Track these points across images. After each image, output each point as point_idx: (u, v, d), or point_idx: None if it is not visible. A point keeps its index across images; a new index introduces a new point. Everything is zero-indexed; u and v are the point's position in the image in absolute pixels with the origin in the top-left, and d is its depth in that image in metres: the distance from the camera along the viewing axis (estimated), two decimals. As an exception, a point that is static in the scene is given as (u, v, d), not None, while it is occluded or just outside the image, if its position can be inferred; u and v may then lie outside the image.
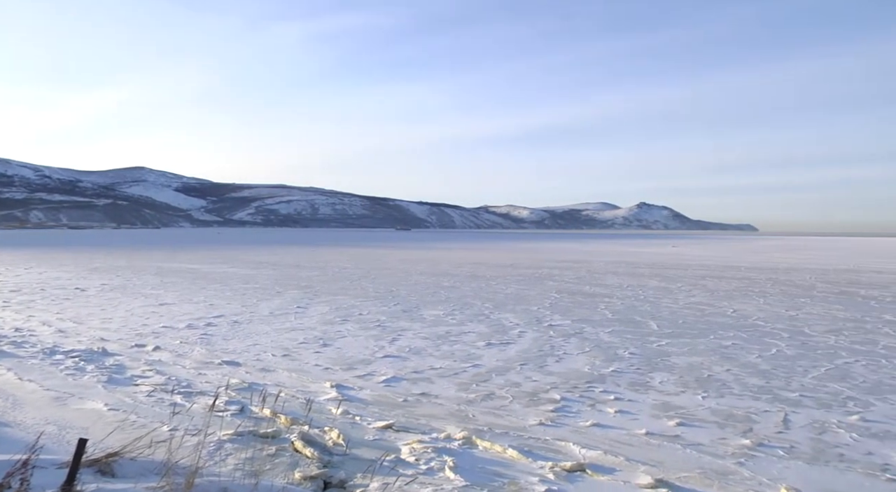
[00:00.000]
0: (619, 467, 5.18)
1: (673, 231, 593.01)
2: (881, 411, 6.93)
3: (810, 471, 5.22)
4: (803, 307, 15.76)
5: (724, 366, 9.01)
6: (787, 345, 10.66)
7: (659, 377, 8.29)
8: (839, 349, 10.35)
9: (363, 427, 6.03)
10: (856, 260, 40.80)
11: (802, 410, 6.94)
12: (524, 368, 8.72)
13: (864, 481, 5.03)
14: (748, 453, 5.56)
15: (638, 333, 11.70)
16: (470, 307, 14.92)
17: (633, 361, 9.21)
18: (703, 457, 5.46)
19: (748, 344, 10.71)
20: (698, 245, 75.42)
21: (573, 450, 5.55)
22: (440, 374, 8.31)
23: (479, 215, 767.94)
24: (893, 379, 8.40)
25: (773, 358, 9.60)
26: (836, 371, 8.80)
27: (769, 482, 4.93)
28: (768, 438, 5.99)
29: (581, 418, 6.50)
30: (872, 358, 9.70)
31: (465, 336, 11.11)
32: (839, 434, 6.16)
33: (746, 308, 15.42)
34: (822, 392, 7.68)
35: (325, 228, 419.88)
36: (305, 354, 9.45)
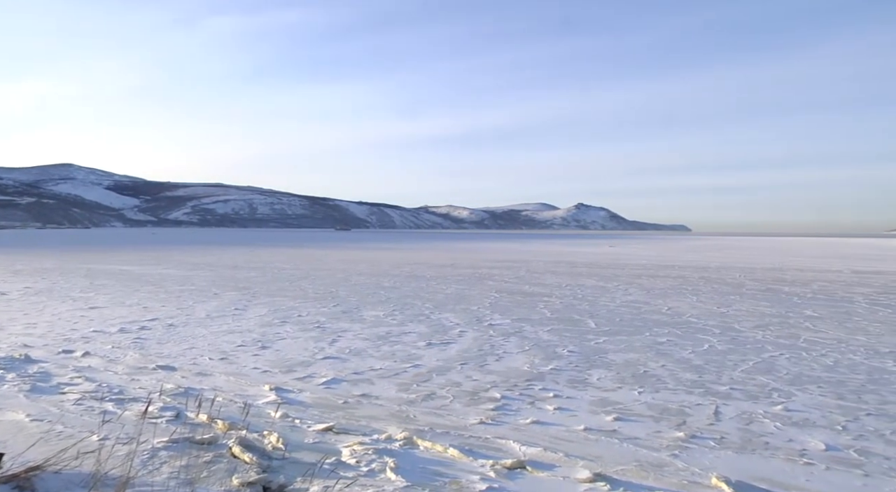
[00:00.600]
0: (559, 463, 5.26)
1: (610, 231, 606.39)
2: (801, 401, 7.29)
3: (739, 459, 5.44)
4: (733, 304, 16.35)
5: (660, 362, 9.27)
6: (719, 340, 11.05)
7: (597, 374, 8.46)
8: (765, 344, 10.79)
9: (303, 430, 5.95)
10: (781, 259, 42.60)
11: (732, 402, 7.21)
12: (465, 367, 8.77)
13: (785, 466, 5.30)
14: (682, 445, 5.74)
15: (576, 331, 11.92)
16: (410, 307, 14.91)
17: (572, 359, 9.38)
18: (639, 450, 5.60)
19: (682, 340, 11.05)
20: (634, 245, 77.42)
21: (514, 447, 5.61)
22: (381, 375, 8.28)
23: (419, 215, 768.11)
24: (812, 371, 8.83)
25: (705, 353, 9.93)
26: (763, 364, 9.18)
27: (701, 472, 5.11)
28: (700, 430, 6.20)
29: (521, 415, 6.58)
30: (795, 351, 10.16)
31: (405, 336, 11.10)
32: (765, 424, 6.43)
33: (680, 306, 15.89)
34: (750, 385, 7.99)
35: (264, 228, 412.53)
36: (243, 357, 9.27)
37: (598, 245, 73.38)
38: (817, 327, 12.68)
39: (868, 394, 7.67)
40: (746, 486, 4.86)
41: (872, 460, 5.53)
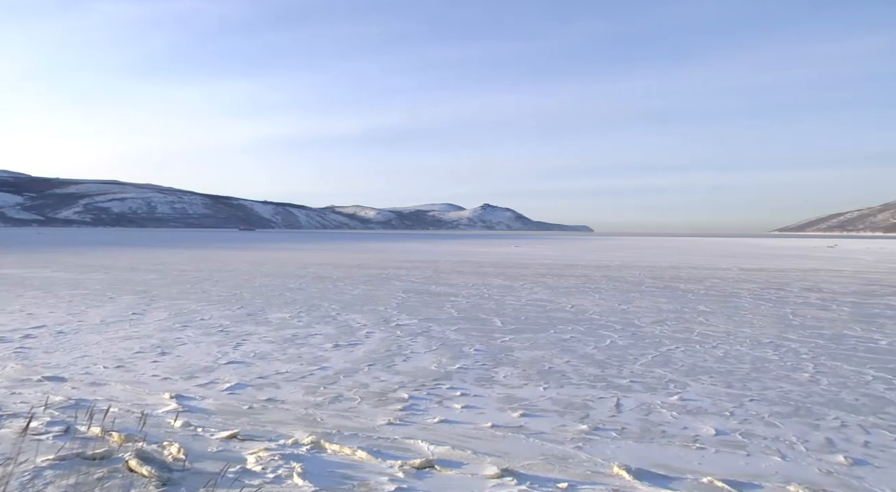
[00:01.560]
0: (467, 461, 5.32)
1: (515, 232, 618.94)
2: (695, 391, 7.71)
3: (638, 448, 5.70)
4: (633, 301, 17.05)
5: (564, 358, 9.55)
6: (620, 336, 11.49)
7: (503, 372, 8.62)
8: (663, 338, 11.32)
9: (206, 439, 5.74)
10: (677, 258, 44.81)
11: (632, 394, 7.52)
12: (372, 368, 8.73)
13: (680, 452, 5.61)
14: (585, 438, 5.94)
15: (483, 330, 12.10)
16: (317, 309, 14.69)
17: (479, 358, 9.51)
18: (545, 444, 5.75)
19: (585, 336, 11.42)
20: (539, 245, 79.42)
21: (422, 447, 5.63)
22: (287, 378, 8.11)
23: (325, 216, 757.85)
24: (705, 362, 9.35)
25: (607, 349, 10.31)
26: (661, 358, 9.63)
27: (604, 462, 5.31)
28: (603, 422, 6.44)
29: (429, 415, 6.61)
30: (689, 345, 10.72)
31: (312, 338, 10.92)
32: (662, 413, 6.76)
33: (584, 303, 16.42)
34: (648, 377, 8.36)
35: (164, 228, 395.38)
36: (141, 364, 8.84)
37: (503, 245, 74.80)
38: (709, 321, 13.43)
39: (752, 382, 8.21)
40: (645, 473, 5.08)
41: (754, 440, 5.96)
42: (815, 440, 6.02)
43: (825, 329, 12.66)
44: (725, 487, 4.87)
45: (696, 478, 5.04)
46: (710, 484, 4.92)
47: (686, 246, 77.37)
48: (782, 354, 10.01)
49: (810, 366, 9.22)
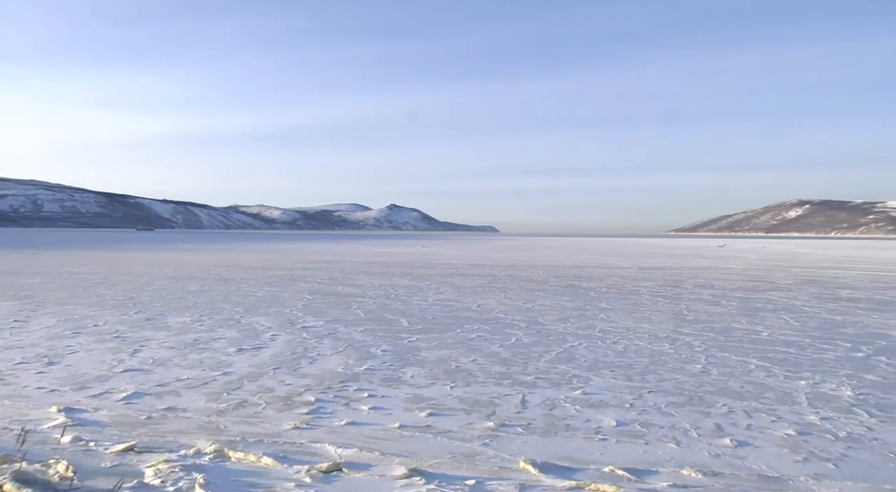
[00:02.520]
0: (375, 462, 5.29)
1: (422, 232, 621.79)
2: (597, 385, 8.00)
3: (544, 442, 5.85)
4: (538, 300, 17.47)
5: (470, 357, 9.66)
6: (525, 334, 11.75)
7: (410, 372, 8.63)
8: (567, 335, 11.67)
9: (99, 454, 5.43)
10: (580, 257, 46.28)
11: (537, 390, 7.71)
12: (277, 372, 8.53)
13: (584, 444, 5.80)
14: (492, 434, 6.03)
15: (390, 330, 12.08)
16: (220, 312, 14.22)
17: (386, 358, 9.48)
18: (452, 443, 5.80)
19: (491, 335, 11.61)
20: (446, 245, 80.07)
21: (329, 450, 5.56)
22: (188, 385, 7.80)
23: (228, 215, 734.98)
24: (606, 357, 9.71)
25: (512, 347, 10.52)
26: (564, 354, 9.92)
27: (510, 457, 5.42)
28: (509, 418, 6.56)
29: (336, 417, 6.53)
30: (591, 341, 11.09)
31: (214, 343, 10.56)
32: (566, 408, 6.96)
33: (489, 303, 16.68)
34: (553, 373, 8.60)
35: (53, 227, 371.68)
36: (25, 375, 8.25)
37: (410, 245, 74.92)
38: (610, 318, 13.95)
39: (650, 374, 8.59)
40: (550, 465, 5.23)
41: (652, 430, 6.26)
42: (705, 426, 6.39)
43: (716, 323, 13.43)
44: (626, 474, 5.08)
45: (598, 468, 5.23)
46: (612, 473, 5.12)
47: (588, 246, 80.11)
48: (678, 348, 10.54)
49: (702, 358, 9.75)
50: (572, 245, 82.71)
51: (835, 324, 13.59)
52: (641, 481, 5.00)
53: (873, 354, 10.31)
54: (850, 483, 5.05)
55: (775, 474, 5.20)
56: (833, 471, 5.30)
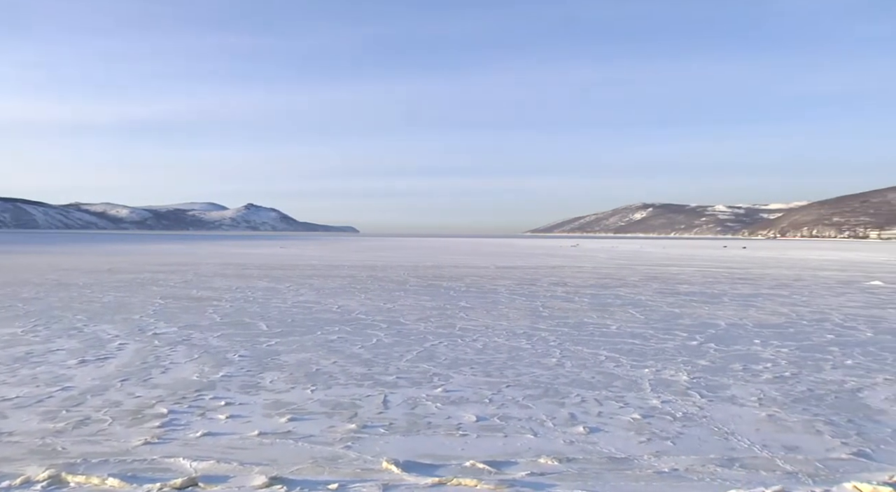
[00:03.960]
0: (233, 473, 5.09)
1: (281, 232, 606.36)
2: (457, 382, 8.17)
3: (406, 441, 5.89)
4: (398, 300, 17.55)
5: (331, 359, 9.54)
6: (386, 334, 11.77)
7: (270, 376, 8.38)
8: (427, 334, 11.82)
9: None
10: (440, 257, 47.05)
11: (399, 390, 7.74)
12: (126, 383, 7.97)
13: (445, 441, 5.91)
14: (354, 436, 5.99)
15: (248, 334, 11.66)
16: (59, 321, 13.07)
17: (244, 364, 9.15)
18: (314, 447, 5.69)
19: (352, 336, 11.52)
20: (305, 246, 78.50)
21: (184, 465, 5.27)
22: (17, 404, 7.07)
23: (69, 214, 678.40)
24: (466, 354, 9.95)
25: (373, 347, 10.50)
26: (425, 353, 10.04)
27: (373, 458, 5.40)
28: (371, 419, 6.55)
29: (191, 429, 6.20)
30: (451, 339, 11.31)
31: (52, 355, 9.68)
32: (427, 406, 7.05)
33: (350, 304, 16.55)
34: (414, 372, 8.67)
35: None
36: None
37: (269, 246, 72.72)
38: (470, 317, 14.29)
39: (508, 370, 8.90)
40: (413, 464, 5.27)
41: (510, 423, 6.49)
42: (560, 416, 6.72)
43: (569, 318, 14.15)
44: (486, 467, 5.23)
45: (459, 463, 5.34)
46: (473, 467, 5.25)
47: (448, 246, 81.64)
48: (534, 343, 10.99)
49: (557, 352, 10.24)
50: (432, 245, 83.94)
51: (674, 316, 14.78)
52: (501, 473, 5.16)
53: (705, 342, 11.33)
54: (684, 457, 5.57)
55: (623, 456, 5.58)
56: (671, 448, 5.81)
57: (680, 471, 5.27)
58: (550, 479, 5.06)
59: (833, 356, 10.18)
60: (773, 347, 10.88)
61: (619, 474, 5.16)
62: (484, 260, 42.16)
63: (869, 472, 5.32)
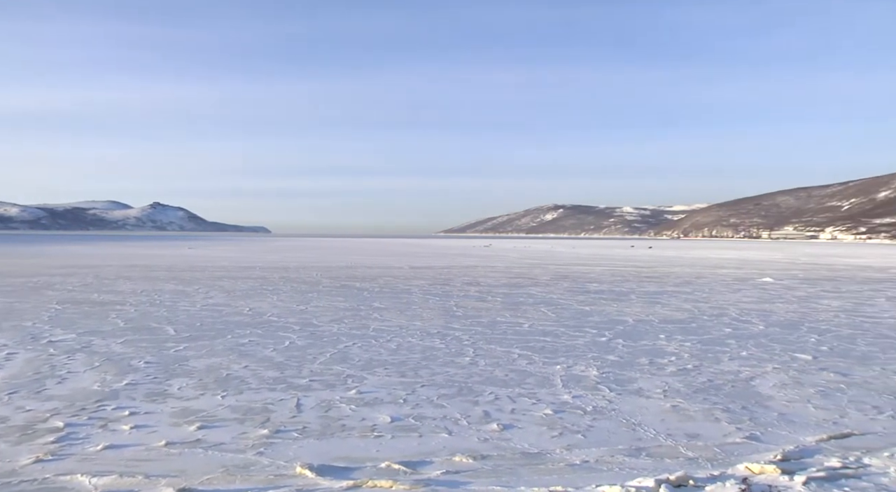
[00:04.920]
0: (138, 487, 4.86)
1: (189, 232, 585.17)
2: (371, 383, 8.13)
3: (320, 445, 5.80)
4: (312, 301, 17.29)
5: (243, 363, 9.28)
6: (299, 336, 11.56)
7: (178, 383, 8.06)
8: (341, 336, 11.69)
9: None
10: (353, 257, 46.68)
11: (312, 393, 7.63)
12: (15, 396, 7.44)
13: (360, 443, 5.86)
14: (267, 442, 5.85)
15: (154, 340, 11.19)
16: (-62, 331, 12.11)
17: (150, 371, 8.76)
18: (225, 455, 5.52)
19: (264, 339, 11.26)
20: (215, 246, 76.06)
21: (82, 482, 4.97)
22: None
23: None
24: (380, 355, 9.91)
25: (286, 350, 10.29)
26: (339, 355, 9.93)
27: (286, 464, 5.29)
28: (284, 424, 6.41)
29: (91, 442, 5.87)
30: (365, 340, 11.24)
31: (-69, 368, 8.96)
32: (341, 408, 6.98)
33: (262, 306, 16.17)
34: (327, 375, 8.56)
35: None
36: None
37: (176, 247, 70.05)
38: (384, 317, 14.24)
39: (423, 369, 8.93)
40: (327, 468, 5.20)
41: (425, 422, 6.51)
42: (475, 414, 6.80)
43: (482, 318, 14.33)
44: (401, 468, 5.22)
45: (374, 465, 5.31)
46: (388, 468, 5.23)
47: (362, 246, 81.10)
48: (448, 343, 11.07)
49: (471, 350, 10.36)
50: (346, 245, 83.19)
51: (584, 314, 15.24)
52: (417, 473, 5.17)
53: (613, 338, 11.74)
54: (594, 449, 5.76)
55: (536, 451, 5.71)
56: (582, 441, 6.00)
57: (590, 463, 5.44)
58: (465, 477, 5.11)
59: (730, 348, 10.80)
60: (676, 342, 11.40)
61: (532, 469, 5.27)
62: (398, 260, 42.14)
63: (758, 453, 5.72)
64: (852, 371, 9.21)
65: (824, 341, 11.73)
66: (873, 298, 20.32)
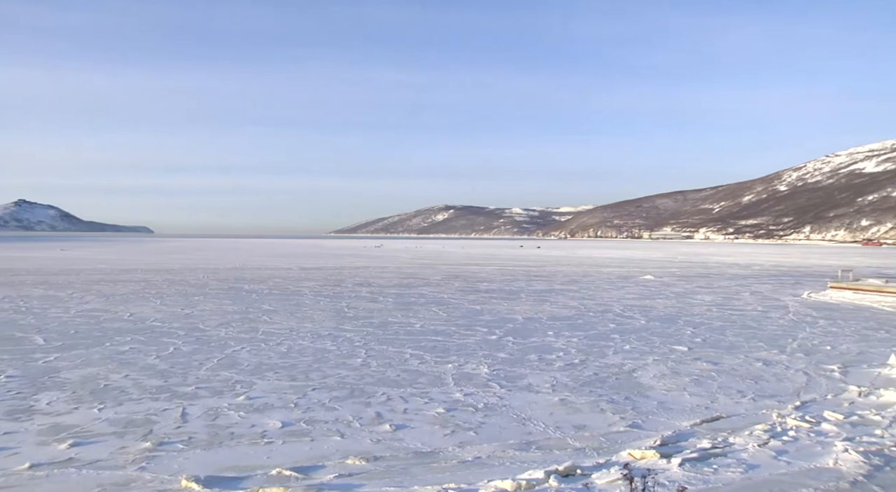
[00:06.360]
0: (-1, 511, 4.48)
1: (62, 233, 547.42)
2: (261, 388, 7.92)
3: (207, 455, 5.58)
4: (198, 305, 16.60)
5: (123, 372, 8.76)
6: (184, 342, 11.06)
7: (47, 398, 7.47)
8: (229, 340, 11.29)
9: None
10: (242, 259, 45.25)
11: (199, 401, 7.32)
12: None
13: (250, 450, 5.69)
14: (149, 456, 5.55)
15: (19, 351, 10.33)
16: None
17: (13, 386, 8.03)
18: (102, 473, 5.17)
19: (146, 346, 10.68)
20: (92, 248, 71.40)
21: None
22: None
23: None
24: (270, 359, 9.67)
25: (170, 357, 9.82)
26: (227, 360, 9.59)
27: (170, 478, 5.04)
28: (168, 435, 6.11)
29: (-58, 465, 5.32)
30: (255, 344, 10.92)
31: None
32: (230, 416, 6.74)
33: (144, 310, 15.36)
34: (215, 381, 8.25)
35: None
36: None
37: (47, 249, 65.15)
38: (273, 320, 13.88)
39: (314, 372, 8.79)
40: (215, 478, 5.01)
41: (317, 426, 6.42)
42: (367, 416, 6.77)
43: (374, 318, 14.27)
44: (293, 474, 5.11)
45: (265, 472, 5.17)
46: (279, 475, 5.10)
47: (250, 247, 78.76)
48: (340, 344, 10.94)
49: (363, 352, 10.29)
50: (235, 246, 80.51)
51: (475, 313, 15.50)
52: (309, 478, 5.08)
53: (504, 336, 12.02)
54: (486, 445, 5.89)
55: (428, 449, 5.76)
56: (474, 438, 6.12)
57: (482, 458, 5.54)
58: (358, 479, 5.07)
59: (614, 343, 11.33)
60: (564, 338, 11.82)
61: (425, 468, 5.30)
62: (288, 261, 41.24)
63: (640, 440, 6.08)
64: (722, 360, 9.95)
65: (698, 333, 12.55)
66: (740, 293, 21.98)
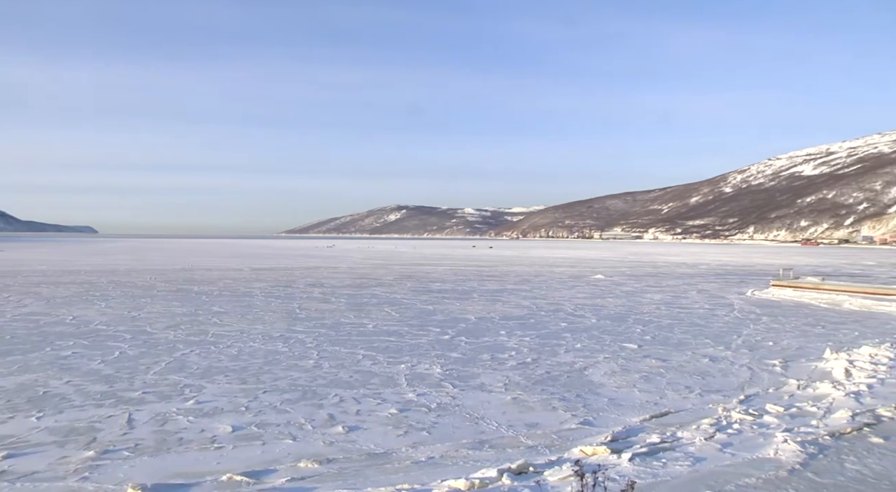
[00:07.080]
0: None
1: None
2: (211, 392, 7.76)
3: (154, 462, 5.44)
4: (145, 307, 16.18)
5: (64, 378, 8.47)
6: (130, 346, 10.77)
7: (-19, 405, 7.18)
8: (177, 343, 11.04)
9: None
10: (191, 259, 44.31)
11: (146, 406, 7.14)
12: None
13: (199, 456, 5.58)
14: (93, 465, 5.37)
15: (-45, 356, 9.92)
16: None
17: (-53, 392, 7.72)
18: (38, 485, 4.97)
19: (90, 351, 10.36)
20: (31, 249, 68.80)
21: None
22: None
23: None
24: (220, 362, 9.49)
25: (116, 361, 9.54)
26: (175, 363, 9.37)
27: (115, 487, 4.89)
28: (113, 443, 5.93)
29: None
30: (204, 347, 10.70)
31: None
32: (178, 421, 6.59)
33: (88, 313, 14.90)
34: (163, 385, 8.05)
35: None
36: None
37: (-17, 252, 62.63)
38: (224, 322, 13.63)
39: (265, 375, 8.66)
40: (163, 486, 4.89)
41: (269, 429, 6.34)
42: (319, 418, 6.71)
43: (326, 319, 14.15)
44: (244, 478, 5.03)
45: (215, 478, 5.07)
46: (230, 480, 5.01)
47: (200, 248, 77.17)
48: (291, 346, 10.81)
49: (315, 353, 10.19)
50: (182, 247, 78.77)
51: (428, 313, 15.51)
52: (260, 482, 5.00)
53: (456, 335, 12.06)
54: (439, 445, 5.91)
55: (382, 450, 5.74)
56: (427, 438, 6.12)
57: (436, 458, 5.55)
58: (311, 482, 5.02)
59: (566, 341, 11.50)
60: (517, 337, 11.93)
61: (378, 469, 5.29)
62: (238, 262, 40.56)
63: (591, 436, 6.20)
64: (670, 357, 10.20)
65: (648, 331, 12.83)
66: (687, 291, 22.56)
